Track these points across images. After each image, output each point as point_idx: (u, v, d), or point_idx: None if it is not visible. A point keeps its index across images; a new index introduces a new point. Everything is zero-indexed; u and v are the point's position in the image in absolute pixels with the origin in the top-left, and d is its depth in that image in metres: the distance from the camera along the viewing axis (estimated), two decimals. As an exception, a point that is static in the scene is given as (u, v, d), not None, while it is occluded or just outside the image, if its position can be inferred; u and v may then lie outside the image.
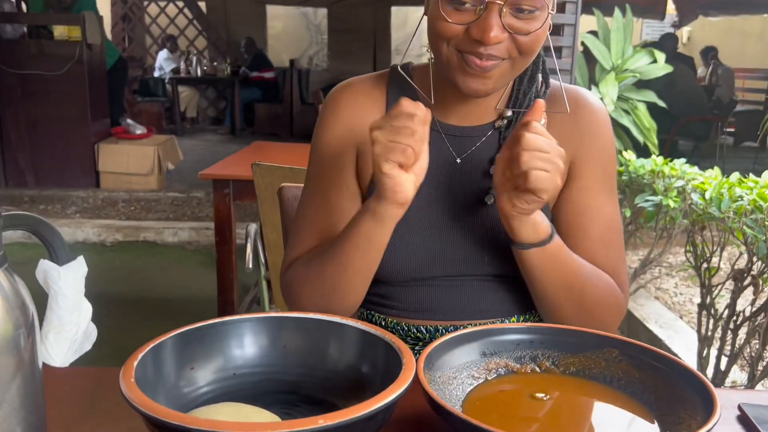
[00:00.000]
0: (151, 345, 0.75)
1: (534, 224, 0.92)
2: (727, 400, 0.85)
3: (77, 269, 0.74)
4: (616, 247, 1.04)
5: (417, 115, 0.83)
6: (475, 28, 0.87)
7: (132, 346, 0.74)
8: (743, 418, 0.81)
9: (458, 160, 1.03)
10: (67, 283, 0.72)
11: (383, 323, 1.08)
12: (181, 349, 0.78)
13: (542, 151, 0.85)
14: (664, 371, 0.77)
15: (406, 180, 0.86)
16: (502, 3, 0.85)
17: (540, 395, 0.77)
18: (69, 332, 0.73)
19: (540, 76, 1.05)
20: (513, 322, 1.06)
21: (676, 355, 2.55)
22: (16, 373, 0.61)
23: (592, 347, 0.83)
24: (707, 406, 0.68)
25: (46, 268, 0.72)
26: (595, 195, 1.03)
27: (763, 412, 0.81)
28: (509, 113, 1.03)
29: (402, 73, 1.04)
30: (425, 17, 0.96)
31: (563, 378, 0.82)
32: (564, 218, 1.03)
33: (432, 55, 0.98)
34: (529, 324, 0.86)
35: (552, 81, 1.06)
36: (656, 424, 0.73)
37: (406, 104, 0.84)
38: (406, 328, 1.06)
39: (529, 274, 0.97)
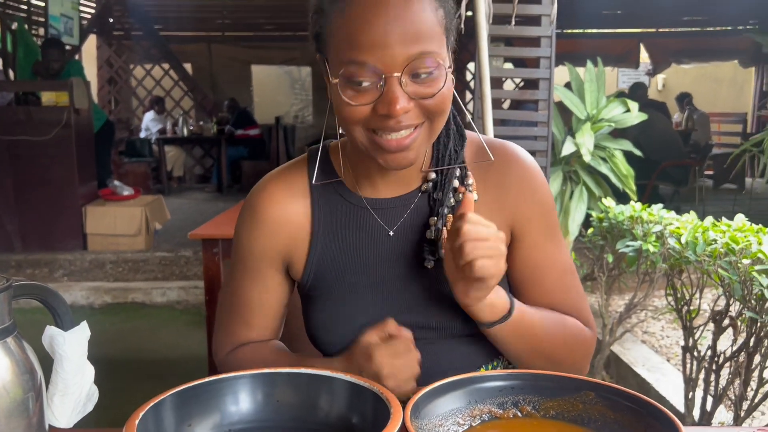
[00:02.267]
0: (151, 403, 0.79)
1: (492, 305, 0.96)
2: (699, 438, 0.89)
3: (81, 333, 0.78)
4: (573, 287, 1.07)
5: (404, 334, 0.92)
6: (380, 104, 0.87)
7: (122, 408, 0.76)
8: (715, 454, 0.85)
9: (391, 233, 1.03)
10: (72, 347, 0.76)
11: None
12: (179, 407, 0.82)
13: (482, 239, 0.88)
14: (637, 411, 0.81)
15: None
16: (399, 74, 0.86)
17: (522, 439, 0.82)
18: (73, 394, 0.76)
19: (454, 131, 1.05)
20: (490, 369, 1.08)
21: (663, 398, 2.58)
22: (26, 434, 0.65)
23: (570, 391, 0.87)
24: (676, 443, 0.72)
25: (51, 333, 0.76)
26: (543, 248, 1.05)
27: (735, 448, 0.86)
28: (433, 175, 1.03)
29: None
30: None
31: (544, 422, 0.86)
32: (518, 276, 1.06)
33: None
34: (510, 371, 0.91)
35: (472, 135, 1.07)
36: (631, 462, 0.77)
37: (392, 326, 0.93)
38: None
39: (497, 344, 1.01)
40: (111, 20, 9.09)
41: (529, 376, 0.90)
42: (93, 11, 8.57)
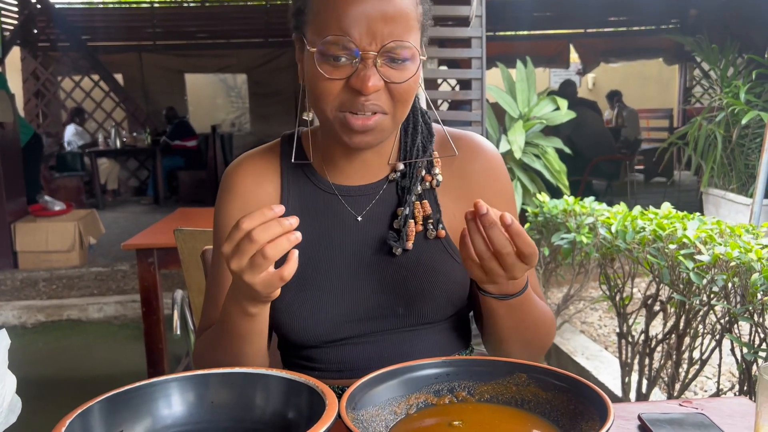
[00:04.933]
0: (79, 411, 0.76)
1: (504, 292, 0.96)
2: (628, 413, 0.92)
3: (0, 342, 0.75)
4: (532, 271, 1.09)
5: (255, 227, 0.82)
6: (354, 79, 0.91)
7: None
8: (643, 427, 0.88)
9: (359, 219, 1.06)
10: (-10, 356, 0.73)
11: None
12: (109, 413, 0.80)
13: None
14: (567, 389, 0.83)
15: (270, 281, 0.85)
16: (376, 53, 0.90)
17: (456, 423, 0.83)
18: (-7, 405, 0.73)
19: (422, 126, 1.09)
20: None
21: (602, 384, 2.65)
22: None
23: (503, 374, 0.89)
24: (603, 416, 0.75)
25: (-33, 343, 0.73)
26: None
27: (661, 421, 0.89)
28: (401, 166, 1.06)
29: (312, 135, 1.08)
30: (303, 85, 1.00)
31: (479, 405, 0.87)
32: None
33: (308, 117, 1.02)
34: (444, 358, 0.92)
35: (436, 127, 1.11)
36: (563, 438, 0.79)
37: (243, 221, 0.83)
38: (333, 389, 1.08)
39: (496, 318, 1.00)
40: (35, 31, 8.79)
41: (463, 362, 0.91)
42: (16, 22, 8.27)
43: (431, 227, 1.05)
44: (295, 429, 0.80)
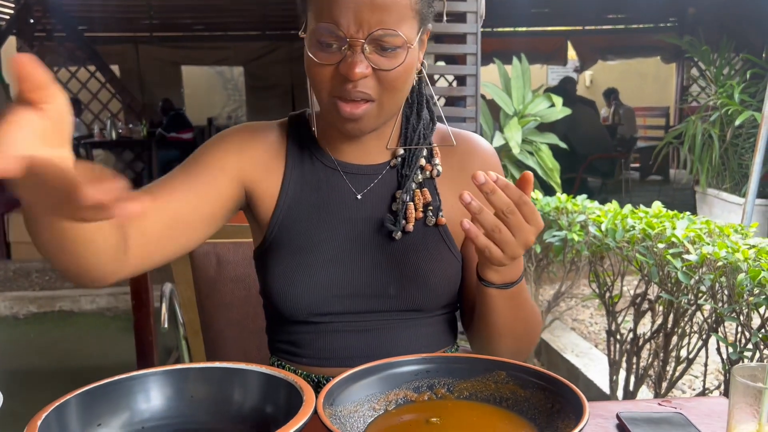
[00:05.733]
0: (56, 404, 0.76)
1: (517, 265, 0.96)
2: (607, 411, 0.93)
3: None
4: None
5: None
6: (342, 65, 0.93)
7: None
8: (621, 426, 0.89)
9: (359, 196, 1.07)
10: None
11: (295, 374, 1.10)
12: (87, 407, 0.80)
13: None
14: (545, 387, 0.84)
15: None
16: (363, 40, 0.92)
17: (434, 420, 0.83)
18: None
19: (426, 117, 1.11)
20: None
21: (591, 381, 2.66)
22: None
23: (482, 371, 0.89)
24: (579, 415, 0.75)
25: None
26: None
27: (639, 420, 0.89)
28: (401, 151, 1.09)
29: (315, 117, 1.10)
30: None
31: (457, 402, 0.88)
32: (473, 252, 1.08)
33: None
34: (424, 355, 0.92)
35: (440, 125, 1.13)
36: (539, 436, 0.79)
37: None
38: (316, 380, 1.08)
39: (491, 308, 0.99)
40: (32, 21, 8.74)
41: (443, 359, 0.92)
42: (12, 12, 8.23)
43: (431, 214, 1.07)
44: (273, 424, 0.80)
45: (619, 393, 2.35)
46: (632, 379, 2.28)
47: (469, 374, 0.90)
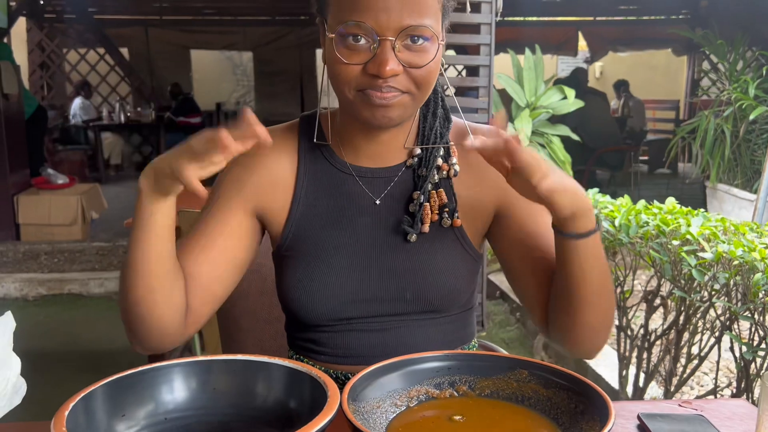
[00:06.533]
0: (82, 394, 0.77)
1: (588, 210, 0.90)
2: (627, 411, 0.93)
3: (5, 324, 0.75)
4: None
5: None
6: (371, 64, 0.91)
7: (59, 401, 0.74)
8: (642, 427, 0.89)
9: (377, 201, 1.06)
10: (-5, 338, 0.74)
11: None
12: (112, 397, 0.80)
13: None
14: (568, 387, 0.84)
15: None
16: (394, 38, 0.90)
17: (457, 417, 0.83)
18: (-2, 387, 0.74)
19: (441, 114, 1.08)
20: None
21: (600, 376, 2.66)
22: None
23: (505, 369, 0.89)
24: (604, 416, 0.75)
25: (-27, 325, 0.73)
26: (536, 218, 1.04)
27: (660, 421, 0.89)
28: (418, 151, 1.06)
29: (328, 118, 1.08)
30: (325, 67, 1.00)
31: (479, 400, 0.88)
32: (517, 248, 1.04)
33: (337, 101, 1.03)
34: (446, 351, 0.92)
35: (457, 120, 1.10)
36: (562, 436, 0.80)
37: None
38: (334, 376, 1.08)
39: (578, 265, 0.93)
40: (41, 2, 8.72)
41: (464, 356, 0.92)
42: (22, -8, 8.21)
43: (446, 216, 1.05)
44: (297, 418, 0.80)
45: (629, 389, 2.35)
46: (642, 375, 2.28)
47: (491, 372, 0.90)
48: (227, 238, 1.04)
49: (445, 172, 1.06)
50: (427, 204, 1.04)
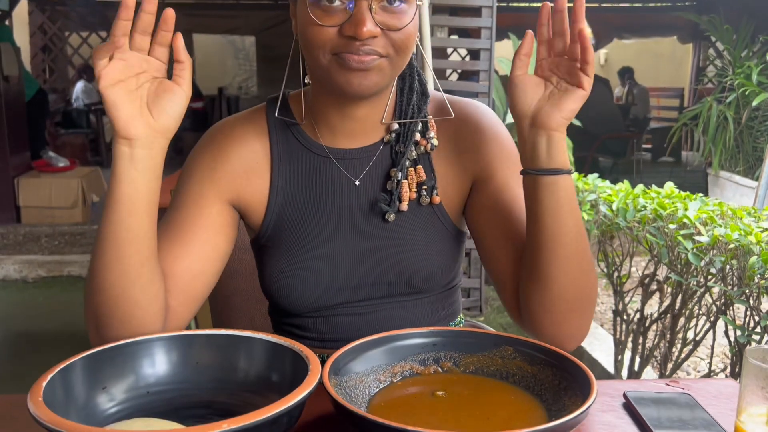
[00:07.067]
0: (61, 366, 0.77)
1: (563, 145, 0.92)
2: (614, 390, 0.92)
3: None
4: None
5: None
6: (347, 26, 0.87)
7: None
8: (628, 405, 0.88)
9: (357, 183, 1.02)
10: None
11: None
12: (92, 370, 0.80)
13: None
14: (553, 364, 0.83)
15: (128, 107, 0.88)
16: None
17: (440, 393, 0.82)
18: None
19: (418, 89, 1.05)
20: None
21: (596, 360, 2.66)
22: None
23: (490, 346, 0.89)
24: (586, 392, 0.74)
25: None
26: (513, 190, 1.01)
27: (646, 399, 0.88)
28: (396, 126, 1.03)
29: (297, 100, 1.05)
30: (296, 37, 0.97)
31: (464, 377, 0.87)
32: (491, 218, 1.01)
33: (309, 80, 1.00)
34: (431, 328, 0.91)
35: (435, 93, 1.08)
36: (545, 413, 0.79)
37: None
38: (321, 357, 1.06)
39: (552, 210, 0.90)
40: (43, -16, 8.70)
41: (450, 332, 0.91)
42: (24, -26, 8.18)
43: (425, 193, 1.02)
44: (278, 392, 0.80)
45: (624, 373, 2.35)
46: (637, 359, 2.28)
47: (477, 349, 0.89)
48: (206, 230, 0.98)
49: (423, 148, 1.02)
50: (405, 181, 1.00)
